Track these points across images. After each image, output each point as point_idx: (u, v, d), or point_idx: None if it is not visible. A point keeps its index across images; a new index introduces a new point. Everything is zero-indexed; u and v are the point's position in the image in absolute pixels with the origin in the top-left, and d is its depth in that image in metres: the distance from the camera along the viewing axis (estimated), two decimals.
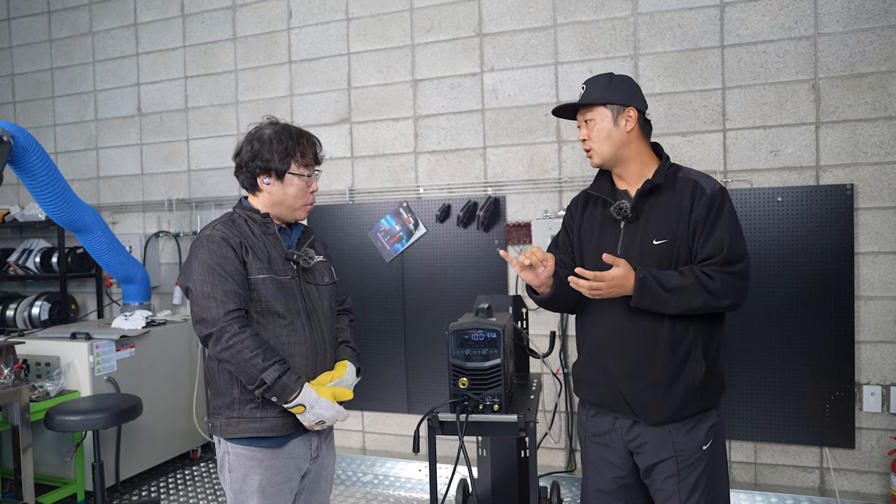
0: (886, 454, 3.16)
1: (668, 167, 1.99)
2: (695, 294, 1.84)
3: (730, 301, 1.87)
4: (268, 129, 2.02)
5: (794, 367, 3.25)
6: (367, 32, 4.06)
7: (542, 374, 3.11)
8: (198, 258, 1.91)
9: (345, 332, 2.18)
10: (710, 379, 1.93)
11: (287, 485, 1.98)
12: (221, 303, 1.85)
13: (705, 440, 1.93)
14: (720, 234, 1.88)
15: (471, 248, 3.81)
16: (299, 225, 2.15)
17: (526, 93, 3.72)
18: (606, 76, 2.02)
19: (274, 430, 1.93)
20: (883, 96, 3.13)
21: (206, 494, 3.80)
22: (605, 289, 1.83)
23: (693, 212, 1.90)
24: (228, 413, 1.95)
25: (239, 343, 1.83)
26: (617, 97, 1.96)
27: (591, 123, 1.98)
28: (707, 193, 1.91)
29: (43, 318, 4.56)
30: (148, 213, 4.71)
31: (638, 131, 1.99)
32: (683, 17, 3.41)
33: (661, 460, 1.93)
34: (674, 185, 1.95)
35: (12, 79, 5.15)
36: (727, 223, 1.90)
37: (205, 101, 4.52)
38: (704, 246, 1.89)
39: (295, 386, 1.87)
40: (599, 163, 2.00)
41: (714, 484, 1.95)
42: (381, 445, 4.14)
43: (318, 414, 1.91)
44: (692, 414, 1.92)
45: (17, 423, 3.18)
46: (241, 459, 1.95)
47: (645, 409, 1.93)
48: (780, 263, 3.24)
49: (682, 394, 1.90)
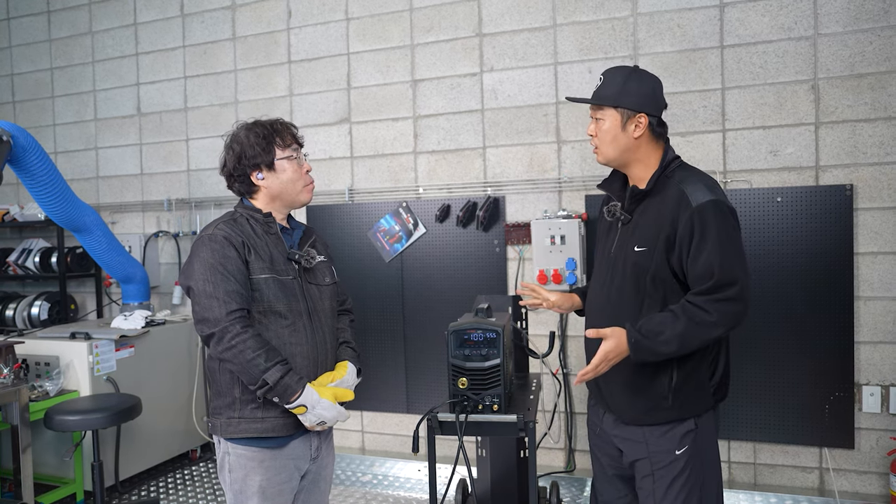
0: (886, 454, 3.16)
1: (667, 171, 1.92)
2: (690, 337, 1.80)
3: (727, 329, 1.83)
4: (241, 130, 2.04)
5: (794, 368, 3.25)
6: (367, 32, 4.06)
7: (542, 374, 3.10)
8: (200, 257, 1.90)
9: (345, 333, 2.17)
10: (685, 390, 1.90)
11: (287, 485, 1.98)
12: (224, 303, 1.85)
13: (679, 445, 1.91)
14: (709, 257, 1.79)
15: (470, 248, 3.81)
16: (300, 225, 2.14)
17: (525, 93, 3.72)
18: (626, 70, 1.94)
19: (275, 430, 1.93)
20: (882, 97, 3.13)
21: (205, 494, 3.80)
22: (607, 365, 1.84)
23: (677, 227, 1.82)
24: (229, 413, 1.94)
25: (241, 343, 1.83)
26: (629, 100, 1.89)
27: (599, 122, 1.93)
28: (692, 207, 1.81)
29: (42, 317, 4.56)
30: (147, 212, 4.71)
31: (648, 136, 1.92)
32: (683, 18, 3.41)
33: (637, 459, 1.98)
34: (664, 193, 1.89)
35: (12, 78, 5.15)
36: (716, 243, 1.79)
37: (204, 101, 4.51)
38: (693, 268, 1.82)
39: (297, 387, 1.86)
40: (604, 162, 1.99)
41: (693, 491, 1.93)
42: (381, 445, 4.13)
43: (320, 415, 1.91)
44: (664, 420, 1.92)
45: (17, 422, 3.18)
46: (242, 460, 1.94)
47: (617, 408, 2.00)
48: (779, 264, 3.24)
49: (649, 400, 1.92)
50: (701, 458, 1.95)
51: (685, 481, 1.92)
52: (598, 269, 2.07)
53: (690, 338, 1.80)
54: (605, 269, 2.02)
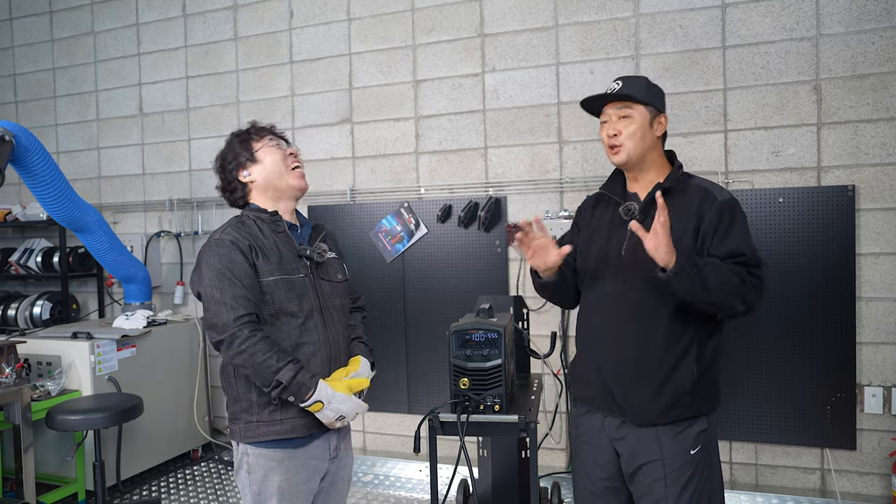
0: (888, 456, 3.16)
1: (679, 174, 2.00)
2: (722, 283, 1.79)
3: (746, 298, 1.83)
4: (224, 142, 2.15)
5: (796, 368, 3.24)
6: (369, 33, 4.06)
7: (543, 374, 3.10)
8: (208, 263, 1.92)
9: (358, 329, 2.17)
10: (701, 386, 1.91)
11: (306, 486, 1.98)
12: (231, 308, 1.85)
13: (693, 445, 1.91)
14: (736, 240, 1.88)
15: (472, 248, 3.81)
16: (308, 222, 2.15)
17: (527, 93, 3.72)
18: (644, 79, 2.04)
19: (294, 430, 1.93)
20: (885, 97, 3.12)
21: (206, 494, 3.81)
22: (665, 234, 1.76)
23: (704, 219, 1.90)
24: (247, 417, 1.94)
25: (251, 346, 1.83)
26: (657, 101, 2.00)
27: (627, 120, 1.96)
28: (718, 201, 1.91)
29: (44, 317, 4.57)
30: (149, 212, 4.72)
31: (662, 139, 2.03)
32: (685, 18, 3.41)
33: (647, 462, 1.92)
34: (685, 191, 1.96)
35: (14, 79, 5.16)
36: (743, 232, 1.90)
37: (206, 101, 4.52)
38: (720, 248, 1.87)
39: (310, 384, 1.86)
40: (625, 160, 1.98)
41: (704, 491, 1.93)
42: (382, 445, 4.14)
43: (337, 409, 1.90)
44: (680, 419, 1.91)
45: (19, 422, 3.19)
46: (261, 460, 1.94)
47: (632, 409, 1.93)
48: (781, 264, 3.24)
49: (669, 397, 1.89)
50: (710, 459, 1.96)
51: (698, 482, 1.91)
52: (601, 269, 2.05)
53: (726, 281, 1.79)
54: (612, 269, 1.99)
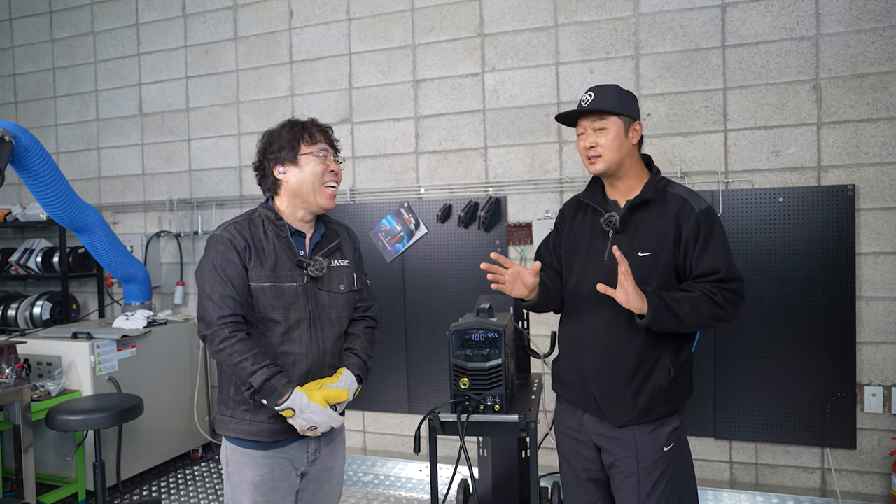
0: (888, 455, 3.16)
1: (658, 181, 2.04)
2: (698, 310, 1.89)
3: (726, 315, 1.93)
4: (278, 125, 2.04)
5: (796, 368, 3.24)
6: (369, 32, 4.06)
7: (543, 374, 3.10)
8: (207, 257, 1.94)
9: (356, 340, 2.10)
10: (676, 385, 1.99)
11: (283, 482, 1.98)
12: (217, 307, 1.87)
13: (667, 442, 1.98)
14: (714, 256, 1.93)
15: (472, 248, 3.81)
16: (320, 228, 2.08)
17: (527, 93, 3.72)
18: (615, 88, 2.06)
19: (260, 434, 1.93)
20: (884, 97, 3.12)
21: (206, 494, 3.81)
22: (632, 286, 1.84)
23: (683, 229, 1.95)
24: (224, 410, 1.99)
25: (229, 347, 1.85)
26: (630, 110, 2.03)
27: (602, 132, 2.00)
28: (696, 211, 1.96)
29: (44, 317, 4.57)
30: (149, 212, 4.71)
31: (638, 145, 2.07)
32: (685, 18, 3.41)
33: (622, 458, 1.98)
34: (663, 200, 2.01)
35: (14, 79, 5.16)
36: (721, 245, 1.95)
37: (206, 101, 4.52)
38: (699, 265, 1.94)
39: (284, 389, 1.85)
40: (604, 169, 2.02)
41: (676, 488, 1.98)
42: (382, 445, 4.14)
43: (309, 419, 1.88)
44: (656, 417, 1.98)
45: (19, 422, 3.19)
46: (236, 455, 1.97)
47: (612, 410, 1.99)
48: (781, 264, 3.24)
49: (647, 397, 1.95)
50: (682, 456, 2.03)
51: (669, 479, 1.97)
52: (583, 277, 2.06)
53: (698, 311, 1.88)
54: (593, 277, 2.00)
